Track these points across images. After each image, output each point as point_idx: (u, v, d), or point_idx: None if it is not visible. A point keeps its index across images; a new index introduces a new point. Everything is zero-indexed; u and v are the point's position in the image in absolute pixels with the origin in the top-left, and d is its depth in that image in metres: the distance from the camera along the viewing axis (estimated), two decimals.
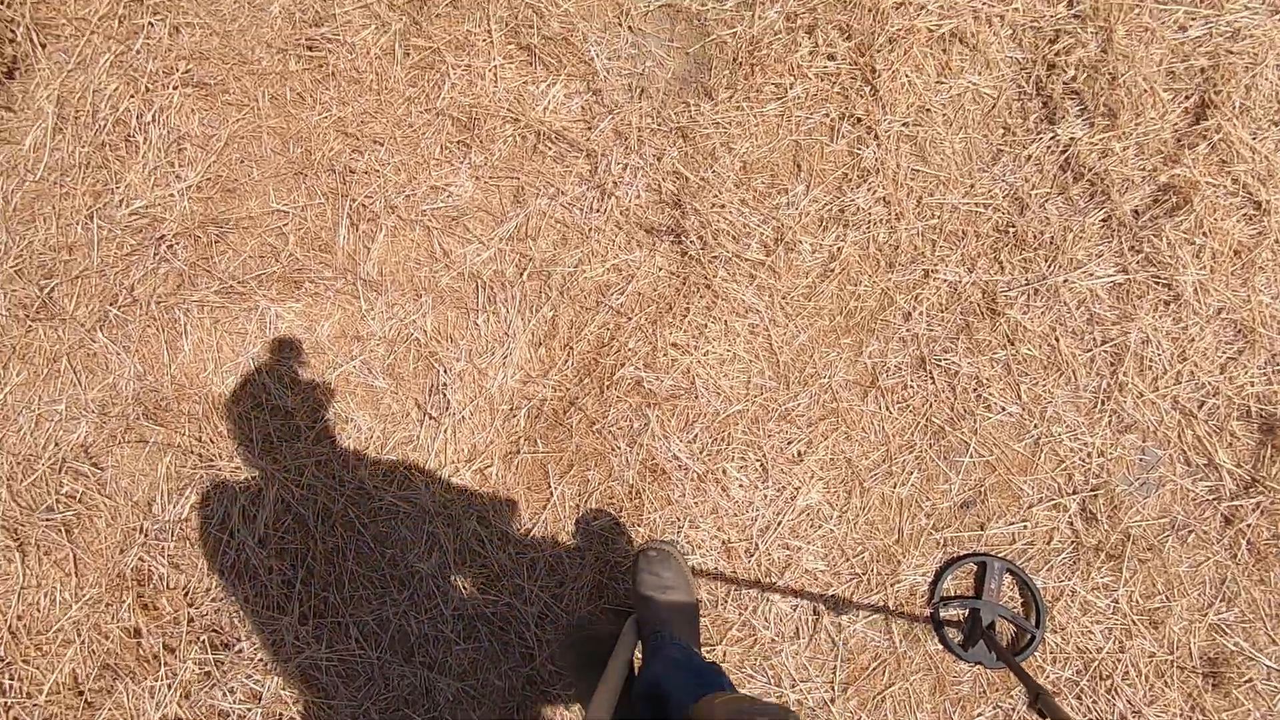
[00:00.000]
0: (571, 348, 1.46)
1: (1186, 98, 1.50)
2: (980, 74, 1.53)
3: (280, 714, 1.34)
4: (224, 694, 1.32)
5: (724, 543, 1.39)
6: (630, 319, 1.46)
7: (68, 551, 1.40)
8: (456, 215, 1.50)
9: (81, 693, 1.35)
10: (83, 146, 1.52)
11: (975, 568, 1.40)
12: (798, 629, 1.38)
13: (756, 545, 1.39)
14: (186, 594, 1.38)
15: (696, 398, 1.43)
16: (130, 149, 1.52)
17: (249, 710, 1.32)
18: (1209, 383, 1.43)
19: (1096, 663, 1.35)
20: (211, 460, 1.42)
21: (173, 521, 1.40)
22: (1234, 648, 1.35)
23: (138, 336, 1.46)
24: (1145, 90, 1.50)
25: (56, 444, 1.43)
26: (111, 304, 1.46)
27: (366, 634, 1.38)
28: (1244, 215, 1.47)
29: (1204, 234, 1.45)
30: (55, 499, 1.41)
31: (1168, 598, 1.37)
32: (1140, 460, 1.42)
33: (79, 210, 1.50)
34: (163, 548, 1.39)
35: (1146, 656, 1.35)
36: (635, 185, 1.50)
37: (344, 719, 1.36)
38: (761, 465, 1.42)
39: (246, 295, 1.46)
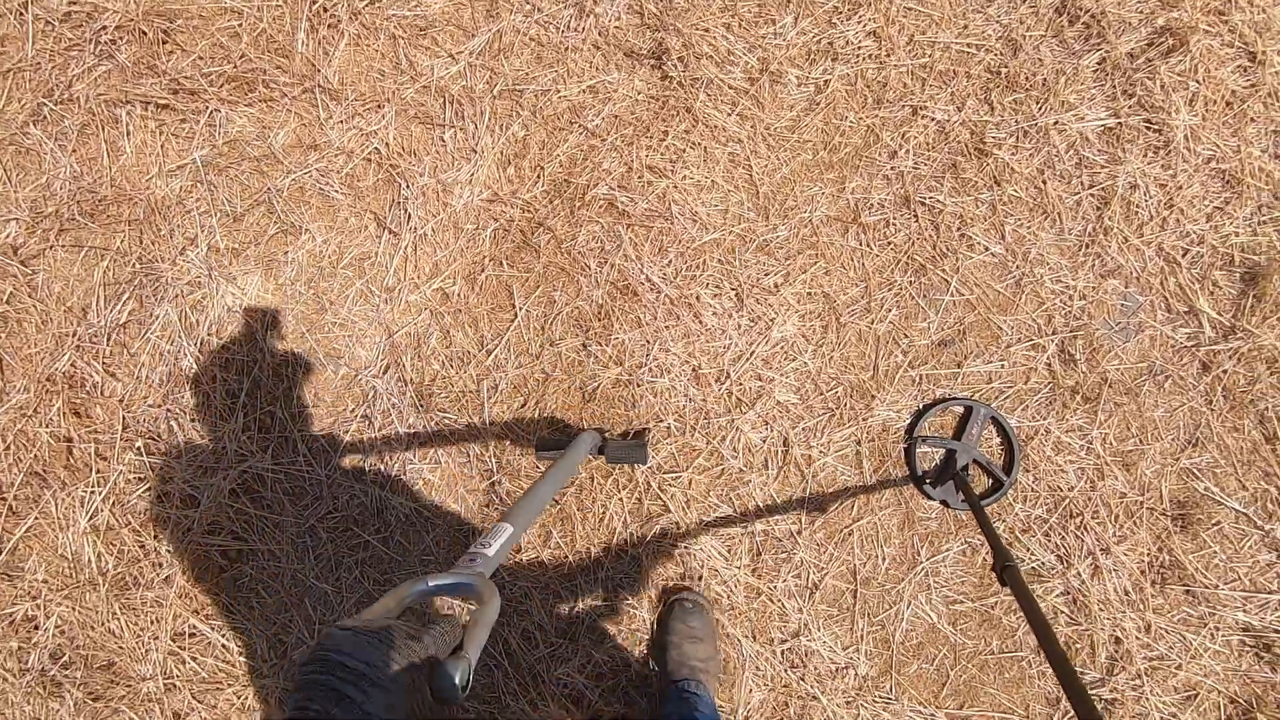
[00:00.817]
0: (542, 168, 1.39)
1: None
2: None
3: (220, 525, 1.26)
4: (159, 498, 1.25)
5: (694, 369, 1.34)
6: (605, 140, 1.39)
7: None
8: (425, 26, 1.41)
9: (5, 499, 1.26)
10: None
11: (961, 411, 1.36)
12: (766, 460, 1.34)
13: (728, 374, 1.34)
14: (123, 401, 1.29)
15: (672, 222, 1.37)
16: None
17: (185, 516, 1.25)
18: (1194, 231, 1.39)
19: (1067, 501, 1.33)
20: (152, 264, 1.33)
21: (109, 327, 1.31)
22: (1204, 492, 1.34)
23: (75, 135, 1.36)
24: None
25: None
26: (47, 98, 1.35)
27: (315, 451, 1.31)
28: (1238, 66, 1.43)
29: (1198, 80, 1.41)
30: None
31: (1141, 441, 1.35)
32: (1121, 305, 1.39)
33: (12, 1, 1.38)
34: (98, 352, 1.30)
35: (1117, 497, 1.33)
36: (616, 5, 1.42)
37: (290, 535, 1.29)
38: (736, 294, 1.36)
39: (196, 94, 1.36)
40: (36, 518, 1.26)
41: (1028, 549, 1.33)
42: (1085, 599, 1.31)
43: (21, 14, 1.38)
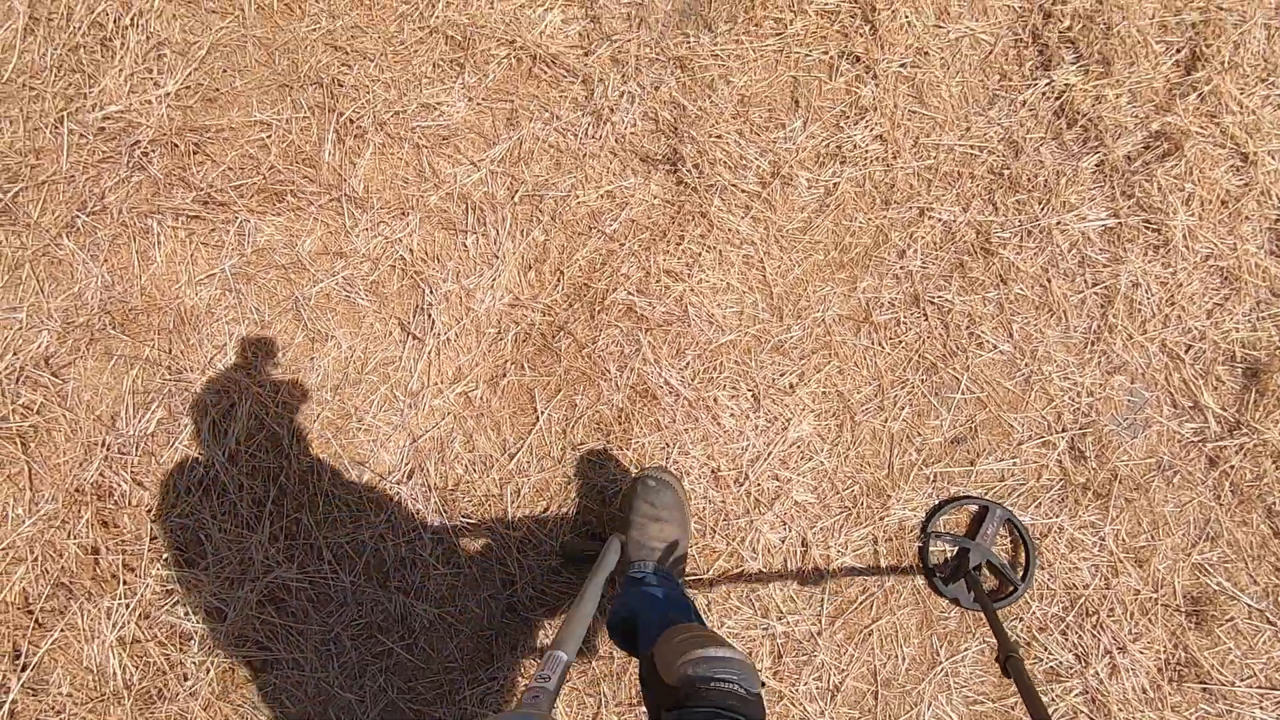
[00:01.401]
0: (562, 272, 1.43)
1: (1178, 50, 1.52)
2: (978, 20, 1.54)
3: (245, 636, 1.27)
4: (186, 612, 1.26)
5: (713, 470, 1.36)
6: (623, 245, 1.43)
7: (22, 465, 1.33)
8: (447, 135, 1.46)
9: (31, 612, 1.27)
10: (55, 49, 1.45)
11: (976, 510, 1.39)
12: (786, 560, 1.36)
13: (746, 475, 1.37)
14: (150, 511, 1.31)
15: (689, 325, 1.41)
16: (106, 53, 1.45)
17: (212, 629, 1.25)
18: (1196, 327, 1.44)
19: (1083, 599, 1.35)
20: (181, 373, 1.35)
21: (137, 436, 1.33)
22: (1216, 587, 1.36)
23: (107, 245, 1.39)
24: (1138, 41, 1.52)
25: (15, 353, 1.35)
26: (80, 210, 1.39)
27: (340, 557, 1.32)
28: (1231, 166, 1.49)
29: (1193, 181, 1.47)
30: (11, 409, 1.33)
31: (1153, 537, 1.37)
32: (1128, 401, 1.42)
33: (48, 114, 1.43)
34: (126, 462, 1.32)
35: (1132, 594, 1.35)
36: (632, 112, 1.48)
37: (314, 643, 1.30)
38: (753, 395, 1.39)
39: (226, 205, 1.40)
40: (62, 630, 1.26)
41: (1045, 648, 1.34)
42: (1104, 699, 1.32)
43: (57, 128, 1.43)
